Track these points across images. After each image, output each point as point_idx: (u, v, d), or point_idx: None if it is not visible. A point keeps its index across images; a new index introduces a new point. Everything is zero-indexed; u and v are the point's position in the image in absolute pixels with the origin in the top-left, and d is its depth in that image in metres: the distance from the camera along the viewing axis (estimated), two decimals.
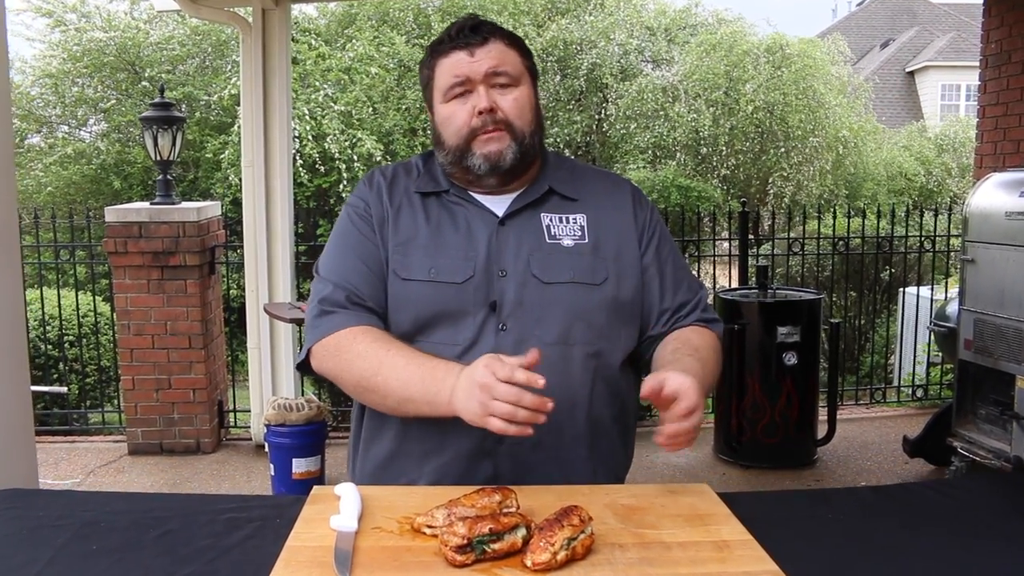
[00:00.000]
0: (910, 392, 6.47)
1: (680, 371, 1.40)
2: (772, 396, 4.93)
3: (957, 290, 6.12)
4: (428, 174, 1.67)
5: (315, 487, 1.43)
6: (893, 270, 7.32)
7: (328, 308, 1.56)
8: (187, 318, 4.95)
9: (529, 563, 1.13)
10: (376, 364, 1.47)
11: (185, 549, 1.30)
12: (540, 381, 1.30)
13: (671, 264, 1.69)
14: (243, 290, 5.04)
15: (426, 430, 1.56)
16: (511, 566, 1.16)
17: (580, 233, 1.63)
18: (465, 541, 1.14)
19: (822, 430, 5.16)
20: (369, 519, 1.30)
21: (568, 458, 1.59)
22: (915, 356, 6.52)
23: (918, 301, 6.61)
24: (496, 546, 1.17)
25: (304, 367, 1.60)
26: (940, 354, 6.46)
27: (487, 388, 1.30)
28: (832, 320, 5.35)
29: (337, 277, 1.59)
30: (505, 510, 1.29)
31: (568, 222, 1.64)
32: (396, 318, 1.57)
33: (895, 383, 6.74)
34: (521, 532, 1.20)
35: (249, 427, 5.19)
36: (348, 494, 1.35)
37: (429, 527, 1.25)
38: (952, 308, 5.16)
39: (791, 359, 4.91)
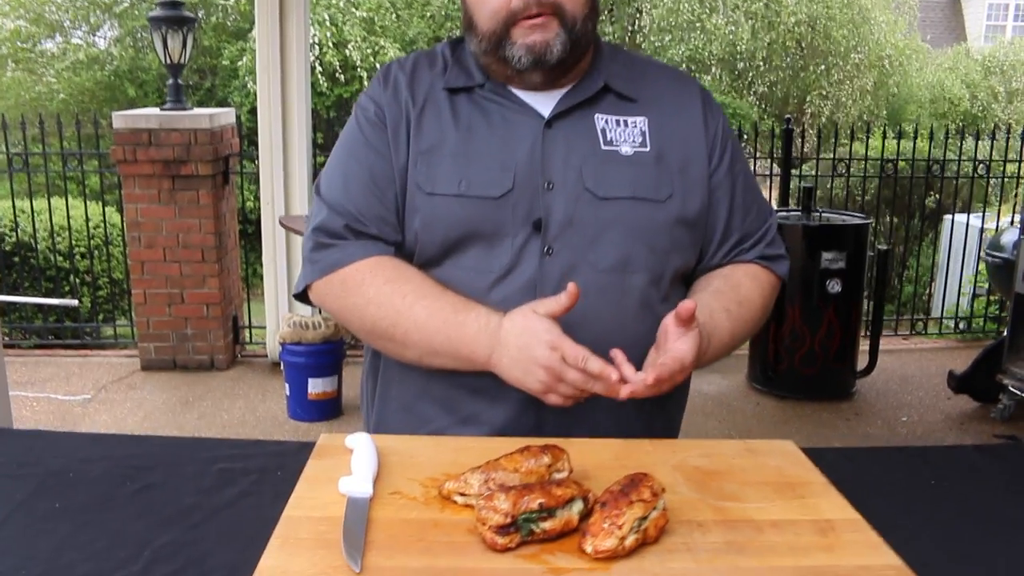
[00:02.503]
0: (952, 324, 6.19)
1: (692, 338, 1.20)
2: (813, 325, 4.68)
3: (1014, 218, 5.79)
4: (458, 65, 1.38)
5: (322, 436, 1.19)
6: (939, 196, 6.94)
7: (325, 240, 1.33)
8: (200, 230, 4.72)
9: (590, 549, 0.90)
10: (393, 314, 1.26)
11: (166, 509, 1.07)
12: (614, 375, 1.14)
13: (742, 185, 1.43)
14: (260, 202, 4.78)
15: (459, 371, 1.32)
16: (565, 551, 0.92)
17: (641, 139, 1.35)
18: (509, 519, 0.91)
19: (861, 361, 4.93)
20: (387, 480, 1.07)
21: (621, 406, 1.35)
22: (960, 287, 6.22)
23: (967, 230, 6.27)
24: (547, 525, 0.93)
25: (302, 297, 1.38)
26: (986, 286, 6.17)
27: (554, 372, 1.16)
28: (880, 247, 5.04)
29: (336, 199, 1.34)
30: (555, 475, 1.05)
31: (627, 126, 1.36)
32: (421, 240, 1.31)
33: (934, 314, 6.45)
34: (577, 506, 0.96)
35: (264, 344, 5.01)
36: (362, 448, 1.11)
37: (461, 495, 1.01)
38: (1008, 237, 4.85)
39: (835, 287, 4.64)
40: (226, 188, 4.90)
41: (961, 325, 6.20)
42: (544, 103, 1.35)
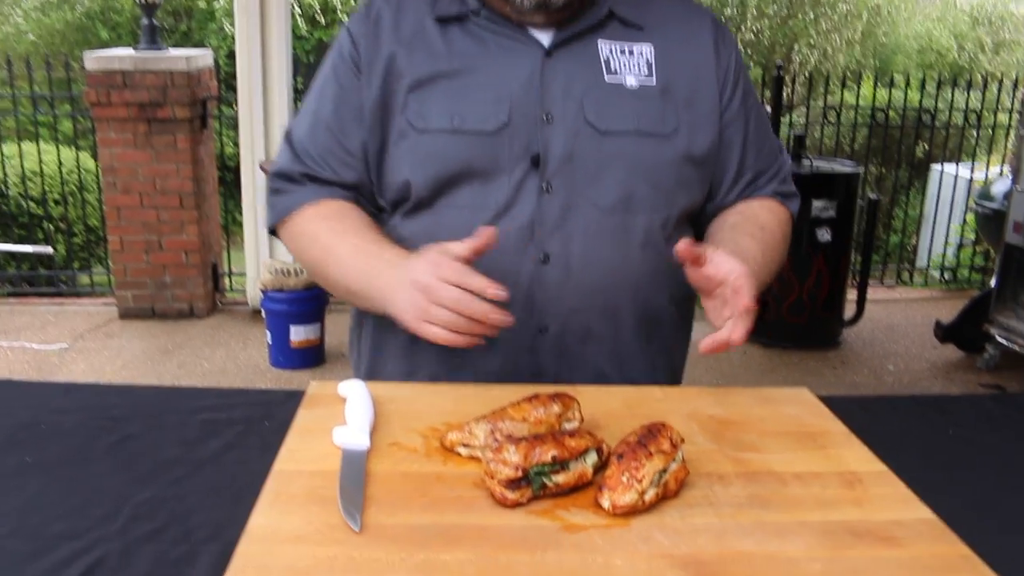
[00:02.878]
0: (938, 274, 6.18)
1: (731, 253, 1.13)
2: (801, 273, 4.64)
3: (1003, 169, 5.75)
4: None
5: (312, 384, 1.12)
6: (927, 145, 6.89)
7: (280, 185, 1.31)
8: (178, 175, 4.58)
9: (608, 505, 0.83)
10: (323, 252, 1.25)
11: (145, 463, 1.00)
12: (498, 293, 1.05)
13: (755, 120, 1.35)
14: (239, 148, 4.64)
15: None
16: (580, 506, 0.85)
17: (647, 70, 1.26)
18: (519, 473, 0.84)
19: (849, 311, 4.91)
20: (384, 431, 1.00)
21: (624, 351, 1.29)
22: (946, 237, 6.19)
23: (956, 181, 6.23)
24: (560, 479, 0.86)
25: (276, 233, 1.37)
26: (972, 236, 6.15)
27: (427, 289, 1.07)
28: (870, 195, 4.98)
29: (301, 142, 1.30)
30: (566, 425, 0.99)
31: (632, 55, 1.27)
32: (413, 180, 1.23)
33: (919, 264, 6.44)
34: (591, 459, 0.90)
35: (245, 292, 4.92)
36: (356, 396, 1.04)
37: (465, 446, 0.94)
38: (999, 187, 4.81)
39: (825, 235, 4.59)
40: (204, 132, 4.75)
41: (946, 275, 6.19)
42: (544, 32, 1.26)
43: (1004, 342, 4.26)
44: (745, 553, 0.78)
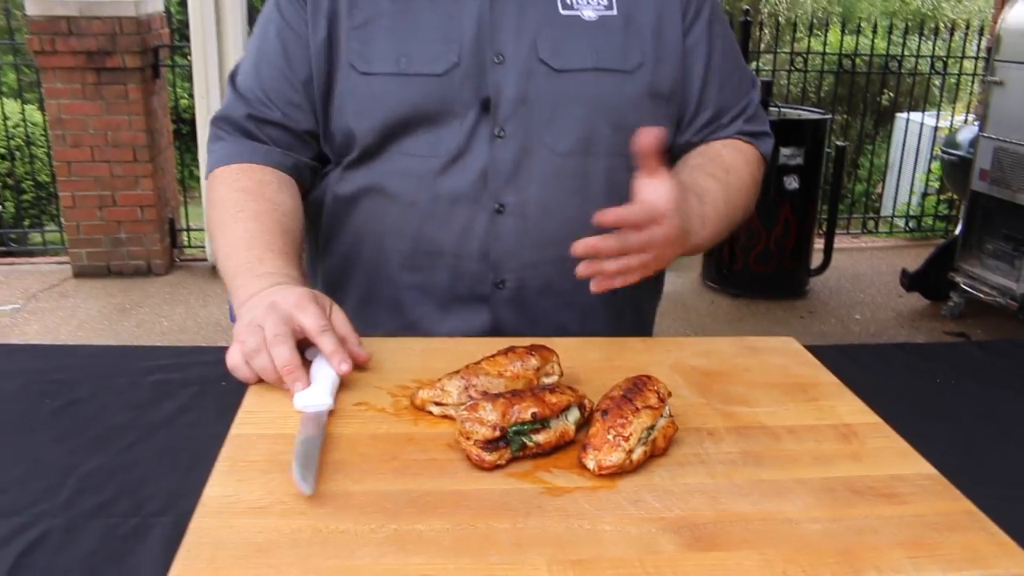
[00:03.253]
0: (902, 223, 6.21)
1: (663, 183, 1.02)
2: (769, 223, 4.63)
3: (968, 117, 5.75)
4: None
5: None
6: (892, 94, 6.87)
7: (222, 131, 1.22)
8: (130, 128, 4.42)
9: (593, 465, 0.77)
10: (219, 220, 1.14)
11: (92, 430, 0.92)
12: (345, 369, 0.93)
13: (721, 50, 1.26)
14: (193, 99, 4.48)
15: (405, 271, 1.19)
16: (563, 466, 0.80)
17: (607, 1, 1.18)
18: (497, 433, 0.78)
19: (815, 260, 4.91)
20: (350, 390, 0.93)
21: (587, 304, 1.23)
22: (912, 186, 6.21)
23: (921, 129, 6.23)
24: (541, 438, 0.80)
25: None
26: (937, 184, 6.17)
27: (259, 342, 0.92)
28: (838, 143, 4.96)
29: (246, 83, 1.20)
30: (544, 379, 0.93)
31: None
32: (357, 128, 1.15)
33: (884, 213, 6.46)
34: (573, 415, 0.84)
35: (204, 248, 4.79)
36: (321, 355, 0.97)
37: (437, 405, 0.88)
38: (965, 135, 4.80)
39: (792, 183, 4.57)
40: (157, 82, 4.57)
41: (911, 224, 6.22)
42: None
43: (969, 290, 4.29)
44: (741, 515, 0.73)
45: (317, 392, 0.87)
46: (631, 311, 1.31)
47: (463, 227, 1.16)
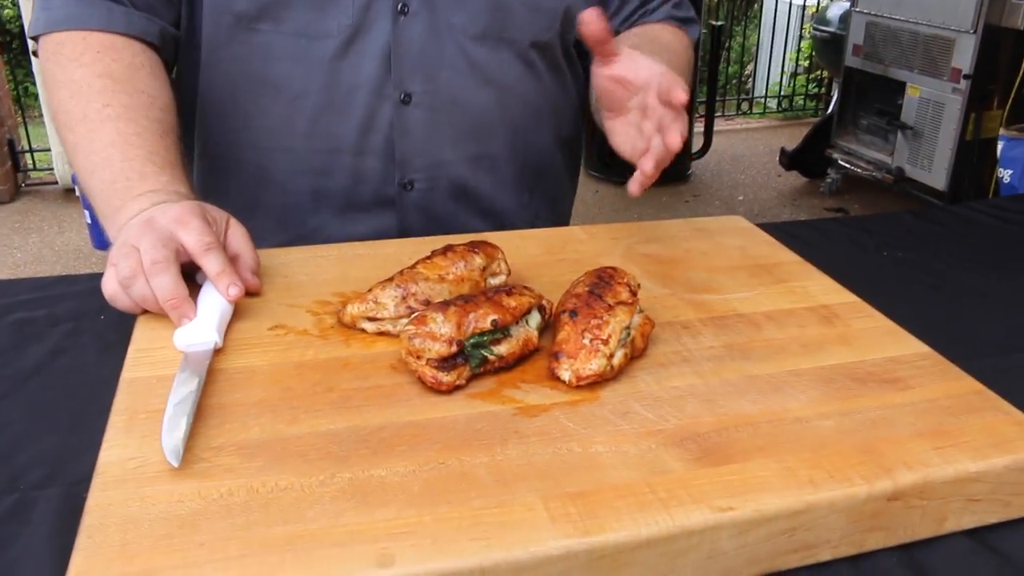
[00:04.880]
0: (775, 104, 6.29)
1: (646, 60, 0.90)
2: None
3: None
4: None
5: None
6: None
7: None
8: None
9: (569, 376, 0.66)
10: (78, 115, 0.88)
11: None
12: (234, 294, 0.76)
13: None
14: (20, 8, 3.98)
15: (296, 175, 1.03)
16: (531, 380, 0.68)
17: None
18: (453, 348, 0.65)
19: (696, 143, 4.91)
20: (259, 312, 0.78)
21: (503, 207, 1.12)
22: (783, 66, 6.27)
23: (789, 8, 6.25)
24: (503, 349, 0.68)
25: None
26: (806, 63, 6.25)
27: (137, 265, 0.75)
28: (713, 22, 4.89)
29: None
30: (492, 280, 0.80)
31: None
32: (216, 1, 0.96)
33: (755, 94, 6.52)
34: (535, 320, 0.72)
35: (53, 169, 4.35)
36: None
37: (371, 320, 0.74)
38: (835, 11, 4.82)
39: None
40: None
41: (783, 104, 6.30)
42: None
43: (846, 166, 4.38)
44: (745, 417, 0.63)
45: (200, 327, 0.71)
46: (548, 210, 1.20)
47: (363, 121, 1.01)
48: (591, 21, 0.83)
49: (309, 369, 0.69)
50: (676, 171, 4.83)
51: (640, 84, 0.87)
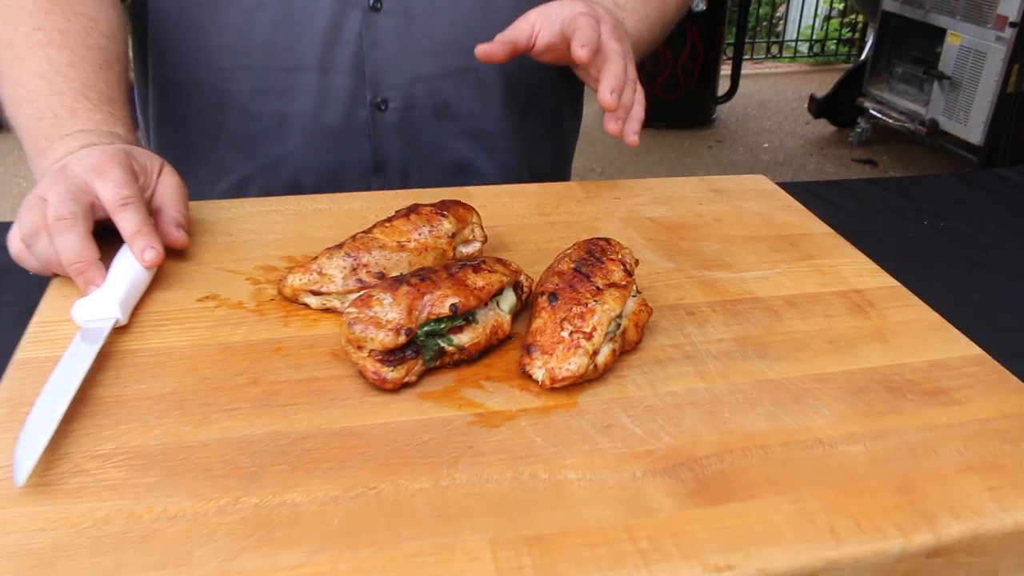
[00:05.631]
0: (806, 48, 6.04)
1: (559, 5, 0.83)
2: (676, 47, 4.38)
3: None
4: None
5: None
6: None
7: None
8: None
9: (542, 376, 0.54)
10: (4, 43, 0.76)
11: None
12: (150, 259, 0.64)
13: None
14: None
15: (257, 96, 0.90)
16: (497, 378, 0.56)
17: None
18: (402, 337, 0.53)
19: (722, 87, 4.71)
20: (193, 279, 0.67)
21: (489, 124, 0.98)
22: (816, 9, 6.00)
23: None
24: (466, 338, 0.56)
25: None
26: (842, 6, 5.97)
27: (41, 218, 0.63)
28: None
29: None
30: (463, 249, 0.68)
31: None
32: None
33: (784, 37, 6.26)
34: (508, 301, 0.60)
35: None
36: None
37: (315, 294, 0.63)
38: None
39: (700, 4, 4.29)
40: None
41: (814, 48, 6.05)
42: None
43: (877, 115, 4.18)
44: (755, 436, 0.52)
45: (102, 299, 0.60)
46: (547, 136, 1.07)
47: (328, 32, 0.88)
48: (485, 52, 0.80)
49: (236, 353, 0.58)
50: (700, 115, 4.66)
51: (562, 33, 0.81)
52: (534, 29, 0.82)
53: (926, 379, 0.58)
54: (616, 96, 0.78)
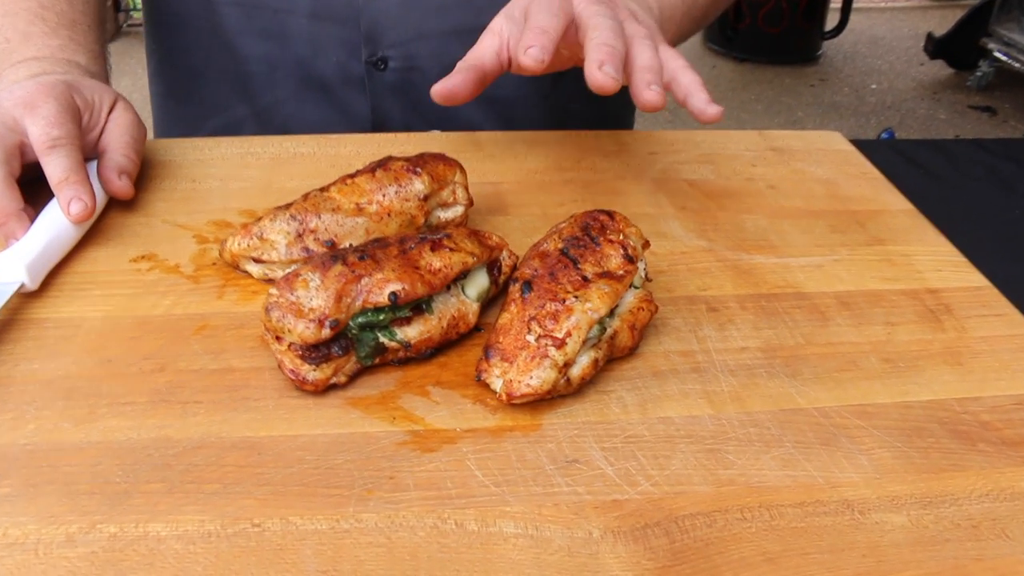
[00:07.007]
0: None
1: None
2: None
3: None
4: None
5: None
6: None
7: None
8: None
9: (500, 388, 0.43)
10: None
11: None
12: (78, 211, 0.54)
13: None
14: None
15: (246, 36, 0.80)
16: (450, 383, 0.46)
17: None
18: (327, 331, 0.43)
19: (831, 21, 4.38)
20: (135, 234, 0.57)
21: (507, 91, 0.83)
22: None
23: None
24: (413, 332, 0.46)
25: None
26: None
27: None
28: None
29: None
30: (441, 214, 0.56)
31: None
32: None
33: None
34: (478, 285, 0.49)
35: None
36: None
37: (257, 262, 0.52)
38: None
39: None
40: None
41: None
42: None
43: (1001, 58, 3.81)
44: (763, 492, 0.40)
45: (6, 259, 0.51)
46: (586, 106, 0.89)
47: None
48: (440, 92, 0.58)
49: (151, 331, 0.48)
50: (804, 51, 4.35)
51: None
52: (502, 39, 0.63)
53: (1008, 423, 0.45)
54: (610, 71, 0.52)
